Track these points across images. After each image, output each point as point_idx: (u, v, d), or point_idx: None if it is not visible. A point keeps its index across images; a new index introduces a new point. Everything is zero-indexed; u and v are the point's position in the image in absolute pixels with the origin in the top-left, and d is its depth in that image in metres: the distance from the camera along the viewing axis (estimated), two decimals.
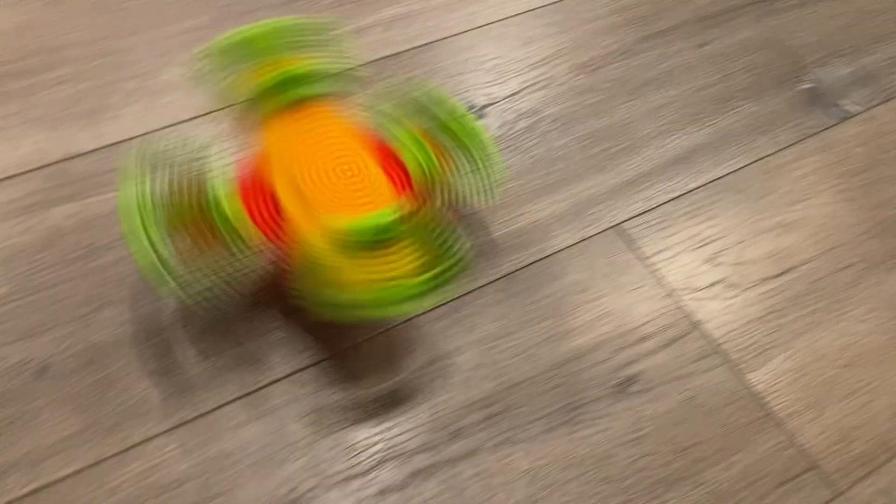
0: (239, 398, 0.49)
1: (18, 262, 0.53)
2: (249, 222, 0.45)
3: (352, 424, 0.49)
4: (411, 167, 0.48)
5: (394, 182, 0.47)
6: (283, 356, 0.51)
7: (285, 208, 0.45)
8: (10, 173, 0.57)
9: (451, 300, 0.54)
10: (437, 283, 0.45)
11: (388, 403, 0.50)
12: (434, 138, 0.50)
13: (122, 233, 0.51)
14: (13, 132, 0.59)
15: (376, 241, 0.44)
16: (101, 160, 0.58)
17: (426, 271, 0.44)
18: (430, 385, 0.51)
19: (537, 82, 0.67)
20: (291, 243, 0.45)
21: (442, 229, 0.47)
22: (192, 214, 0.44)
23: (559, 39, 0.70)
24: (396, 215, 0.44)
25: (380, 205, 0.45)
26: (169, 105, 0.61)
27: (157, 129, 0.60)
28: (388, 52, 0.68)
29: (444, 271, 0.45)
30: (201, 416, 0.48)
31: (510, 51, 0.69)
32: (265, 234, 0.45)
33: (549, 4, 0.73)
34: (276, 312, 0.52)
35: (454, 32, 0.70)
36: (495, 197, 0.60)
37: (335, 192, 0.45)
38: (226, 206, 0.44)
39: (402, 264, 0.44)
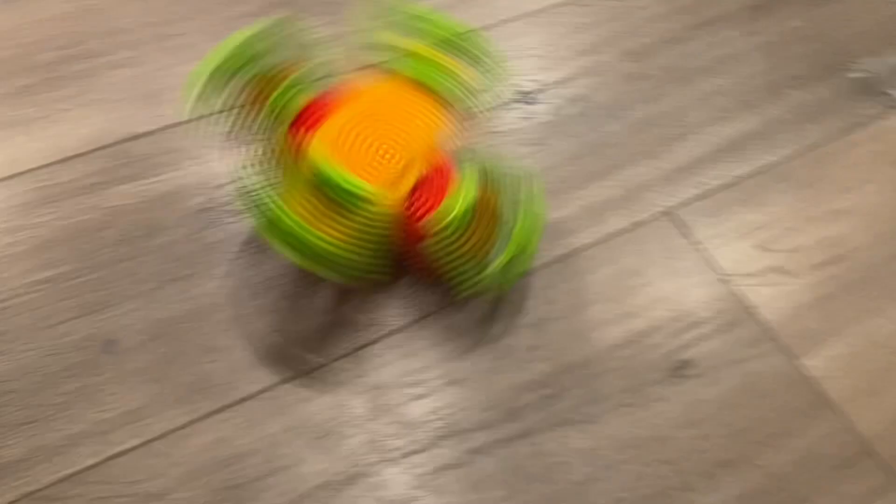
0: (302, 374, 0.49)
1: (82, 240, 0.54)
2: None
3: (411, 401, 0.49)
4: (444, 93, 0.49)
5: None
6: (343, 334, 0.51)
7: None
8: (72, 153, 0.58)
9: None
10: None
11: (446, 382, 0.50)
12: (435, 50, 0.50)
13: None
14: (74, 113, 0.60)
15: (339, 200, 0.44)
16: (159, 141, 0.59)
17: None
18: (487, 365, 0.51)
19: (587, 69, 0.67)
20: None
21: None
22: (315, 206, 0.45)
23: (608, 27, 0.70)
24: (375, 195, 0.45)
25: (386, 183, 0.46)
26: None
27: (213, 113, 0.61)
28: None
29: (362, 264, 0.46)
30: (264, 390, 0.49)
31: (559, 38, 0.69)
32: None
33: None
34: (336, 292, 0.53)
35: (503, 19, 0.70)
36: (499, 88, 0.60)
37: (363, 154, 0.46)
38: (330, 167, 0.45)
39: (346, 235, 0.45)
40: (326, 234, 0.44)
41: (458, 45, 0.51)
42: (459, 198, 0.45)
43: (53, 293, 0.51)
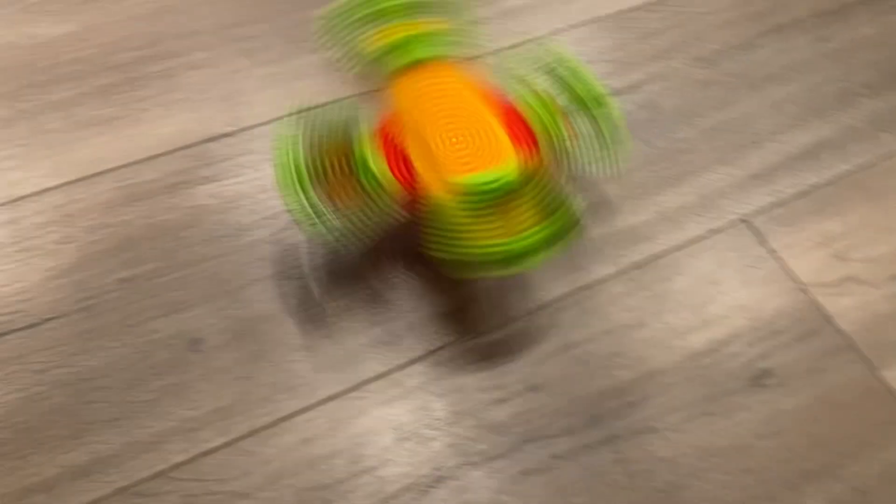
0: (383, 375, 0.50)
1: (165, 239, 0.54)
2: (391, 177, 0.47)
3: (492, 405, 0.49)
4: (536, 128, 0.49)
5: (517, 141, 0.48)
6: (423, 335, 0.51)
7: (414, 163, 0.47)
8: (154, 153, 0.58)
9: (580, 287, 0.54)
10: (552, 238, 0.46)
11: (527, 387, 0.50)
12: (559, 102, 0.50)
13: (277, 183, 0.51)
14: (155, 113, 0.61)
15: (493, 197, 0.46)
16: (239, 143, 0.60)
17: (542, 227, 0.46)
18: (567, 371, 0.51)
19: (656, 74, 0.67)
20: (422, 199, 0.47)
21: (559, 188, 0.48)
22: (338, 167, 0.47)
23: (677, 32, 0.70)
24: (513, 173, 0.46)
25: (499, 162, 0.46)
26: (301, 91, 0.63)
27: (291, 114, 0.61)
28: (507, 43, 0.68)
29: (559, 227, 0.46)
30: (348, 391, 0.49)
31: (629, 43, 0.69)
32: (403, 187, 0.47)
33: None
34: (417, 292, 0.53)
35: (572, 23, 0.70)
36: (617, 167, 0.60)
37: (458, 150, 0.47)
38: (370, 159, 0.46)
39: (518, 221, 0.46)
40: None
41: (587, 106, 0.51)
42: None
43: (138, 291, 0.52)
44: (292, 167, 0.46)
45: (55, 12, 0.67)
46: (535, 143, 0.50)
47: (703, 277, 0.56)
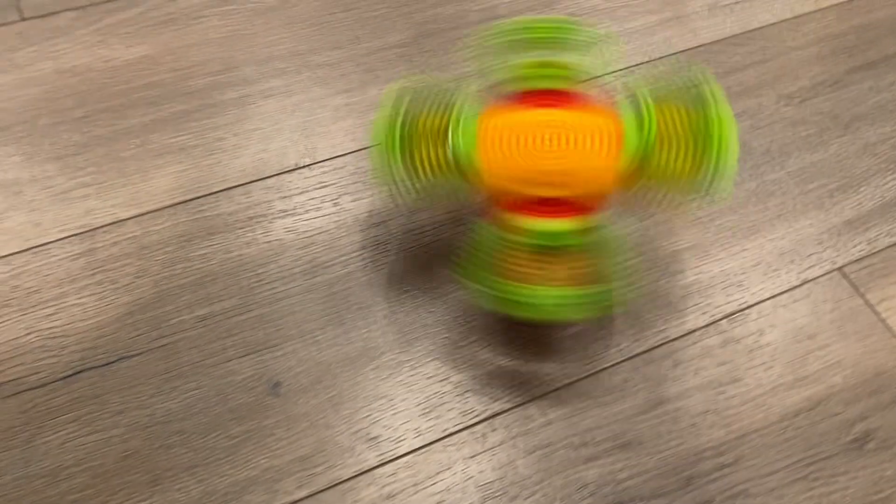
0: (465, 428, 0.48)
1: (243, 274, 0.53)
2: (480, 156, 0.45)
3: (582, 463, 0.47)
4: (627, 139, 0.46)
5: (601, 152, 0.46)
6: (508, 385, 0.49)
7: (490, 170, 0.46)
8: (231, 184, 0.57)
9: (671, 339, 0.52)
10: (590, 300, 0.45)
11: (617, 444, 0.48)
12: (675, 124, 0.46)
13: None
14: (231, 142, 0.60)
15: (547, 246, 0.45)
16: (316, 176, 0.58)
17: (587, 286, 0.45)
18: (658, 429, 0.49)
19: (743, 112, 0.65)
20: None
21: (620, 251, 0.47)
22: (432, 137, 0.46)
23: (764, 68, 0.68)
24: (578, 229, 0.45)
25: (571, 213, 0.45)
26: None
27: (368, 147, 0.60)
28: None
29: (602, 291, 0.46)
30: (430, 444, 0.47)
31: (714, 78, 0.67)
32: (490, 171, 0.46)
33: (751, 31, 0.70)
34: (501, 339, 0.51)
35: (654, 57, 0.68)
36: (716, 200, 0.58)
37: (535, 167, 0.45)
38: (461, 133, 0.45)
39: (560, 273, 0.45)
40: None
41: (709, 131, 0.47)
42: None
43: (216, 330, 0.51)
44: (391, 126, 0.46)
45: (129, 34, 0.66)
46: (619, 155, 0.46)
47: (799, 330, 0.53)
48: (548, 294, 0.45)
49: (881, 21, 0.72)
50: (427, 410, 0.48)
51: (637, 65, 0.67)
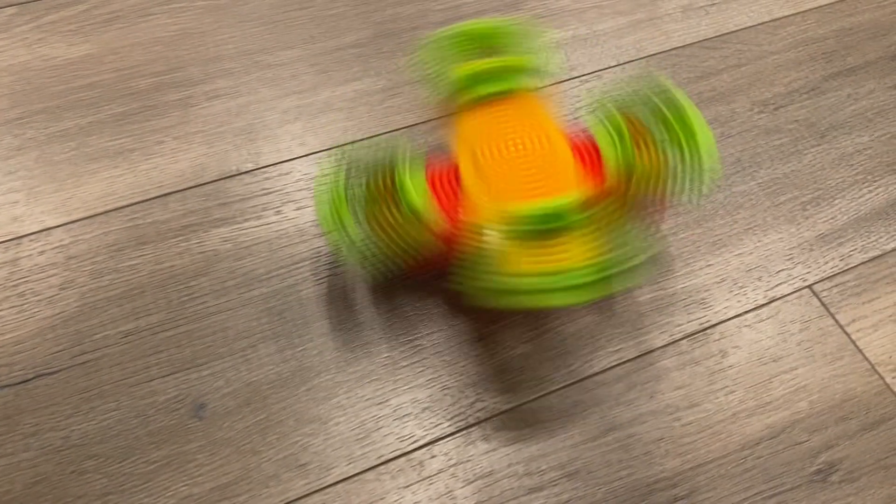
0: (402, 455, 0.45)
1: (173, 287, 0.50)
2: (430, 195, 0.43)
3: (526, 494, 0.44)
4: (607, 153, 0.45)
5: (583, 167, 0.45)
6: (449, 408, 0.46)
7: (466, 189, 0.44)
8: (168, 190, 0.54)
9: (625, 360, 0.49)
10: (603, 276, 0.41)
11: (564, 474, 0.45)
12: (641, 128, 0.46)
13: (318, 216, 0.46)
14: (170, 146, 0.57)
15: (550, 228, 0.42)
16: (258, 182, 0.55)
17: (596, 263, 0.41)
18: (608, 457, 0.46)
19: (716, 119, 0.62)
20: (465, 226, 0.43)
21: (624, 223, 0.43)
22: (381, 199, 0.43)
23: (738, 73, 0.65)
24: (574, 204, 0.42)
25: (560, 191, 0.43)
26: (329, 126, 0.58)
27: (316, 152, 0.57)
28: (549, 81, 0.63)
29: (613, 264, 0.41)
30: (363, 472, 0.44)
31: (684, 83, 0.64)
32: (442, 208, 0.44)
33: (726, 34, 0.67)
34: (444, 359, 0.48)
35: (623, 61, 0.65)
36: (700, 198, 0.56)
37: (516, 176, 0.44)
38: (411, 186, 0.42)
39: (572, 254, 0.41)
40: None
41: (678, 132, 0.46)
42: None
43: (140, 346, 0.48)
44: (336, 192, 0.43)
45: (72, 32, 0.63)
46: (601, 171, 0.45)
47: (762, 352, 0.50)
48: (576, 272, 0.41)
49: (863, 25, 0.69)
50: (362, 436, 0.45)
51: (606, 68, 0.64)
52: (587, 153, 0.46)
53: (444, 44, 0.49)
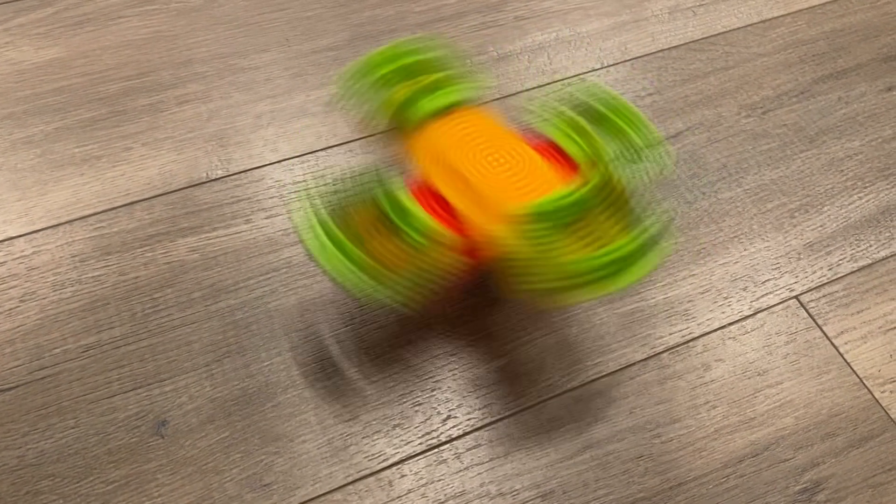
0: (370, 474, 0.43)
1: (137, 299, 0.48)
2: (429, 216, 0.41)
3: None
4: (572, 152, 0.44)
5: (559, 165, 0.44)
6: (419, 426, 0.45)
7: (457, 208, 0.42)
8: (135, 198, 0.53)
9: (604, 374, 0.47)
10: (647, 239, 0.39)
11: (539, 494, 0.43)
12: (590, 129, 0.45)
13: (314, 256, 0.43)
14: (139, 152, 0.55)
15: (569, 218, 0.39)
16: (228, 189, 0.53)
17: (632, 235, 0.39)
18: (585, 476, 0.44)
19: (701, 123, 0.60)
20: (485, 235, 0.41)
21: (631, 194, 0.41)
22: (370, 225, 0.40)
23: (726, 76, 0.63)
24: (582, 189, 0.40)
25: (553, 187, 0.41)
26: (302, 131, 0.57)
27: (289, 158, 0.55)
28: (532, 84, 0.61)
29: (645, 233, 0.39)
30: (329, 492, 0.43)
31: (670, 86, 0.62)
32: (448, 226, 0.41)
33: (713, 36, 0.66)
34: (413, 373, 0.47)
35: (608, 63, 0.63)
36: (657, 183, 0.55)
37: (506, 184, 0.42)
38: (405, 200, 0.40)
39: (601, 235, 0.40)
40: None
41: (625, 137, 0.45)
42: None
43: (102, 361, 0.46)
44: (326, 236, 0.39)
45: (40, 35, 0.61)
46: (576, 165, 0.44)
47: (747, 365, 0.48)
48: (616, 248, 0.39)
49: (855, 26, 0.67)
50: (329, 454, 0.44)
51: (589, 71, 0.63)
52: (553, 156, 0.44)
53: (365, 76, 0.46)
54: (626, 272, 0.39)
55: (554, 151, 0.45)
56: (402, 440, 0.44)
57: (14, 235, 0.51)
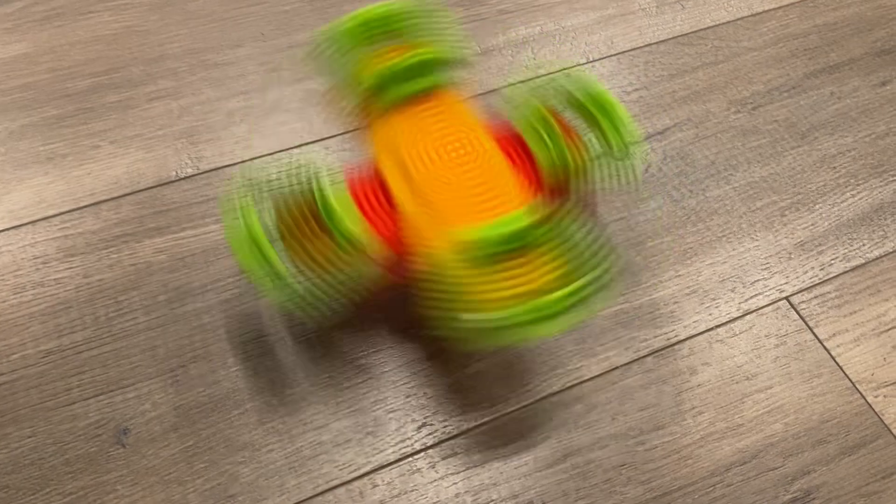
0: (340, 485, 0.41)
1: (101, 302, 0.47)
2: (362, 219, 0.39)
3: None
4: (539, 154, 0.42)
5: (520, 173, 0.41)
6: (393, 434, 0.43)
7: (399, 205, 0.40)
8: (101, 198, 0.51)
9: (585, 378, 0.46)
10: (578, 298, 0.37)
11: None
12: (564, 119, 0.43)
13: (234, 254, 0.41)
14: (106, 151, 0.53)
15: (508, 250, 0.37)
16: (197, 188, 0.52)
17: (566, 283, 0.36)
18: (565, 486, 0.42)
19: (688, 119, 0.58)
20: (412, 254, 0.39)
21: (581, 231, 0.39)
22: (302, 222, 0.38)
23: (715, 70, 0.61)
24: (529, 219, 0.37)
25: (508, 206, 0.39)
26: (276, 128, 0.55)
27: (262, 156, 0.53)
28: (515, 79, 0.60)
29: (586, 284, 0.37)
30: None
31: (657, 81, 0.60)
32: (378, 232, 0.39)
33: (702, 30, 0.64)
34: (389, 380, 0.45)
35: (593, 58, 0.61)
36: (634, 181, 0.53)
37: (458, 190, 0.40)
38: (333, 201, 0.38)
39: (538, 276, 0.37)
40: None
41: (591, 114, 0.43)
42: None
43: (62, 367, 0.44)
44: (248, 227, 0.38)
45: (7, 30, 0.60)
46: (539, 173, 0.42)
47: (735, 369, 0.47)
48: (543, 303, 0.36)
49: (847, 19, 0.65)
50: (297, 464, 0.42)
51: (575, 66, 0.61)
52: (517, 153, 0.42)
53: (343, 38, 0.44)
54: (542, 325, 0.36)
55: (520, 150, 0.42)
56: (375, 448, 0.43)
57: None
